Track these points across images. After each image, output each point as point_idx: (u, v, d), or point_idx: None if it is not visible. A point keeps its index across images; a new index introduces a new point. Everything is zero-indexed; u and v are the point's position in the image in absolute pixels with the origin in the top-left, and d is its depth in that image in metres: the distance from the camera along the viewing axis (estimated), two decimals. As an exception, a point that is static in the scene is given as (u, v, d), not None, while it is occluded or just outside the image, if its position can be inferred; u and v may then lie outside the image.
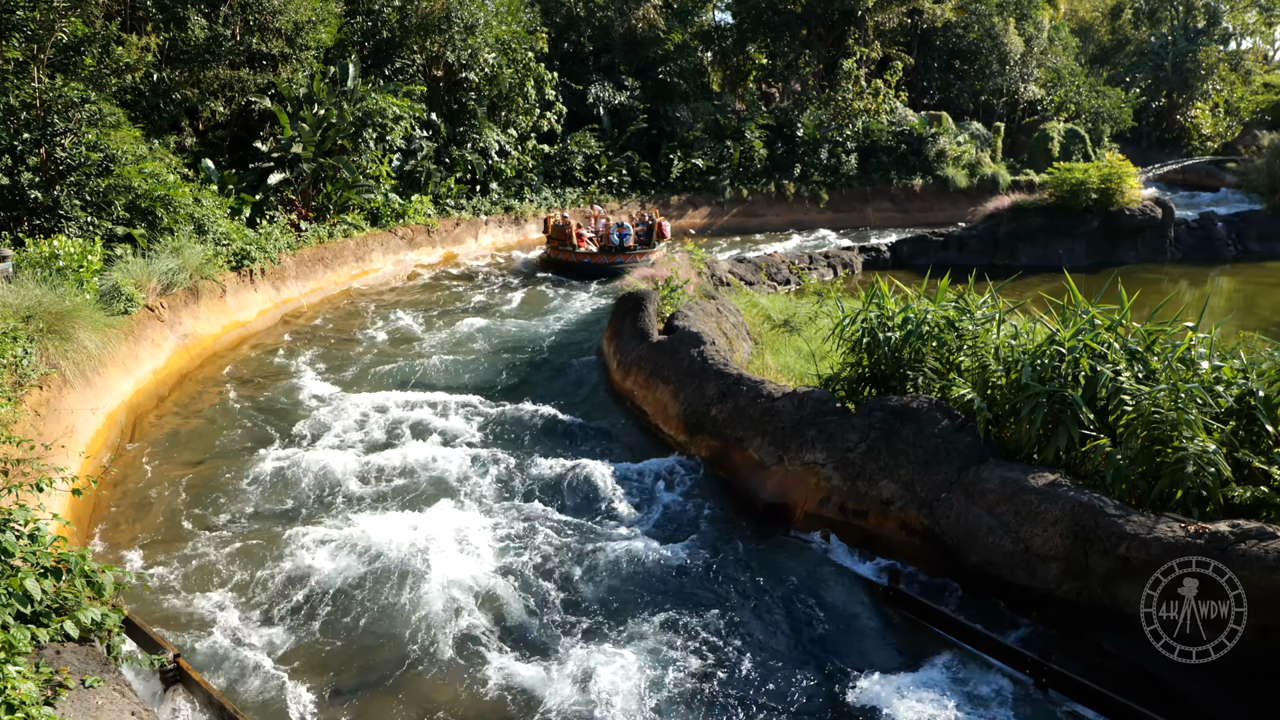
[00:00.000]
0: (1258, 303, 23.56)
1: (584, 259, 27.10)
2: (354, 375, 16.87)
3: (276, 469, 12.27)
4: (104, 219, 17.15)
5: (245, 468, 12.39)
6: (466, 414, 14.49)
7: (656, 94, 41.12)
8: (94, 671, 6.46)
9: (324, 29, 25.19)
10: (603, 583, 9.59)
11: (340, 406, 14.73)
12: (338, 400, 15.08)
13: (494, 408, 14.67)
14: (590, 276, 26.57)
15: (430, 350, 18.73)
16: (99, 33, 18.48)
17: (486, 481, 11.97)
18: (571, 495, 11.65)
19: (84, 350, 12.90)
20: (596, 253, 27.17)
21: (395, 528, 10.47)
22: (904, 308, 11.29)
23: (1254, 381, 8.78)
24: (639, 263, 26.12)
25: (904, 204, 41.84)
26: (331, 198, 25.64)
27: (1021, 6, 48.62)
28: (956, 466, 9.54)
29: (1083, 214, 28.26)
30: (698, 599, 9.28)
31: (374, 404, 14.77)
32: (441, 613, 8.90)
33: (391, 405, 14.73)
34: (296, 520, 11.01)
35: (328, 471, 12.07)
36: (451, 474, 12.07)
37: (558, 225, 27.78)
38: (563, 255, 27.36)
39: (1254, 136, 43.40)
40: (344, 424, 14.11)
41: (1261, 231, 31.26)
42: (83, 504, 11.06)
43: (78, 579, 7.02)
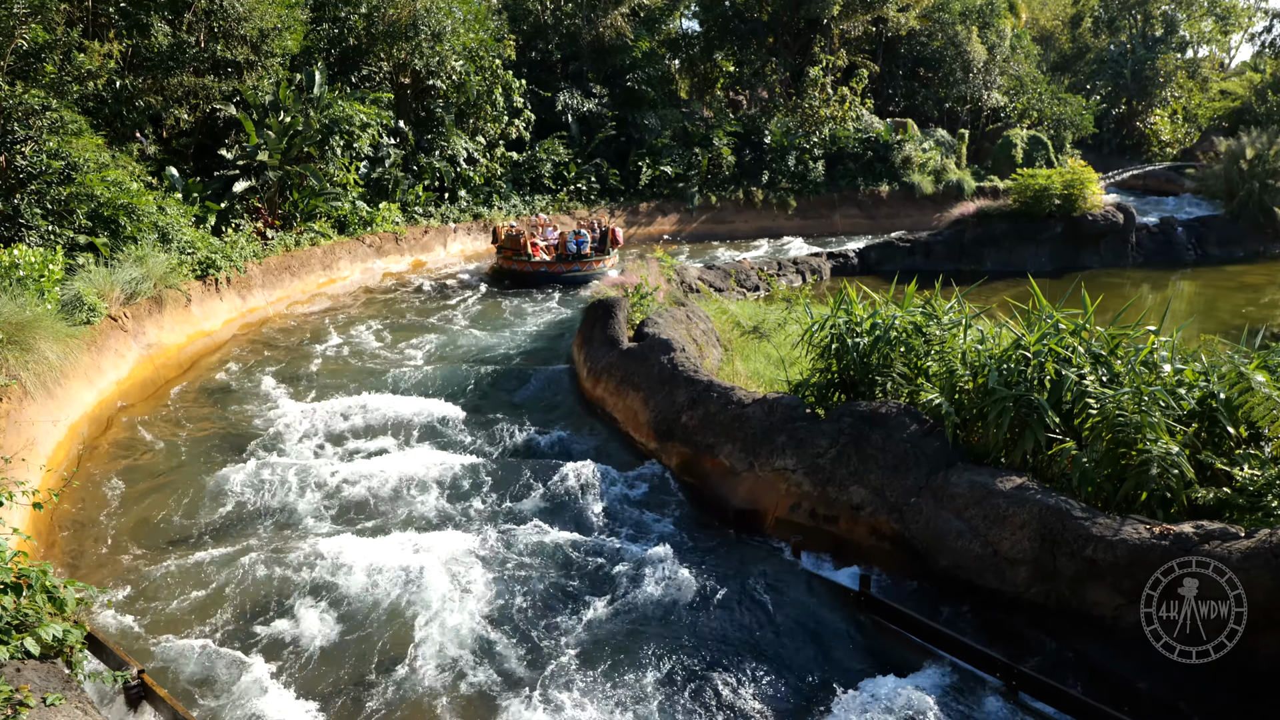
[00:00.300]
0: (1217, 306, 23.98)
1: (540, 268, 26.78)
2: (320, 385, 16.71)
3: (241, 481, 12.12)
4: (66, 228, 16.88)
5: (210, 480, 12.22)
6: (434, 424, 14.40)
7: (625, 101, 41.19)
8: (56, 689, 6.34)
9: (290, 36, 24.98)
10: (569, 593, 9.55)
11: (305, 417, 14.57)
12: (303, 410, 14.91)
13: (462, 417, 14.59)
14: (546, 285, 26.42)
15: (397, 359, 18.61)
16: (60, 39, 18.20)
17: (452, 494, 11.89)
18: (539, 504, 11.60)
19: (45, 361, 12.69)
20: (552, 261, 26.84)
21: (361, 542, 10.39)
22: (872, 314, 11.37)
23: (1215, 384, 8.94)
24: (594, 270, 26.49)
25: (871, 210, 42.17)
26: (298, 205, 25.42)
27: (984, 15, 49.25)
28: (925, 471, 9.62)
29: (1046, 219, 28.63)
30: (665, 606, 9.27)
31: (340, 413, 14.63)
32: (407, 628, 8.83)
33: (357, 415, 14.59)
34: (260, 535, 10.89)
35: (291, 484, 11.93)
36: (417, 486, 11.97)
37: (510, 235, 27.47)
38: (516, 265, 27.04)
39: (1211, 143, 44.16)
40: (308, 435, 13.98)
41: (1220, 236, 31.83)
42: (44, 518, 10.87)
43: (39, 594, 6.90)
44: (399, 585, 9.36)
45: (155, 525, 11.14)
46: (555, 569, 9.93)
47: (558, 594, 9.52)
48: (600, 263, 26.93)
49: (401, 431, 14.07)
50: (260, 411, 15.12)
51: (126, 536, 10.87)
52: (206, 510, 11.47)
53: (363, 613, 9.07)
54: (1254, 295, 25.38)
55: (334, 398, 15.71)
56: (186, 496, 11.80)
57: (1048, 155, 45.18)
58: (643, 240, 37.84)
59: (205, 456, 13.26)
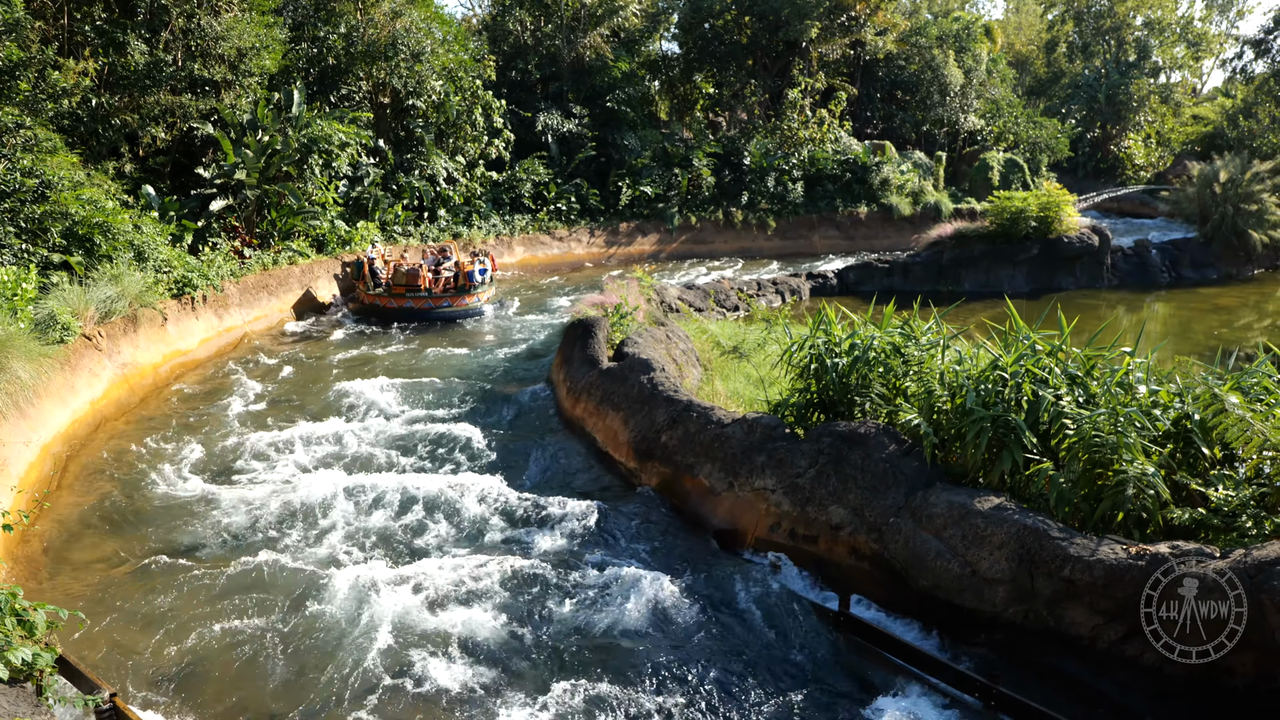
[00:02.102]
0: (1191, 328, 24.25)
1: (405, 304, 24.29)
2: (297, 405, 16.59)
3: (214, 502, 12.00)
4: (39, 246, 16.72)
5: (185, 501, 12.08)
6: (413, 443, 14.31)
7: (605, 122, 41.36)
8: (25, 714, 6.22)
9: (268, 55, 24.95)
10: (547, 614, 9.46)
11: (282, 437, 14.45)
12: (279, 430, 14.79)
13: (442, 435, 14.50)
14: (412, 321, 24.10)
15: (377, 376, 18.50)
16: (35, 57, 18.10)
17: (430, 514, 11.79)
18: (516, 524, 11.52)
19: (17, 380, 12.54)
20: (421, 296, 24.26)
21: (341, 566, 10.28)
22: (851, 334, 11.42)
23: (1190, 405, 9.01)
24: (467, 306, 24.61)
25: (849, 231, 42.48)
26: (276, 224, 25.30)
27: (960, 40, 49.91)
28: (904, 491, 9.63)
29: (1023, 241, 28.90)
30: (642, 626, 9.20)
31: (317, 434, 14.52)
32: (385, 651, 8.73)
33: (335, 435, 14.50)
34: (236, 557, 10.74)
35: (266, 507, 11.82)
36: (396, 506, 11.88)
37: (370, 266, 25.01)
38: (380, 300, 24.52)
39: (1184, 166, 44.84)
40: (285, 455, 13.86)
41: (1194, 258, 32.23)
42: (14, 539, 10.70)
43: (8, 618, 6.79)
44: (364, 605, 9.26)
45: (129, 547, 10.97)
46: (531, 588, 9.84)
47: (531, 613, 9.41)
48: (475, 297, 24.88)
49: (380, 450, 13.96)
50: (236, 431, 14.98)
51: (99, 558, 10.71)
52: (182, 532, 11.31)
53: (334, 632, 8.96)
54: (1227, 317, 25.69)
55: (311, 417, 15.59)
56: (161, 518, 11.65)
57: (1024, 178, 45.74)
58: (622, 260, 37.91)
59: (180, 477, 13.10)
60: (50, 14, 21.33)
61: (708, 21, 45.87)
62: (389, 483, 12.30)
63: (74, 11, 21.95)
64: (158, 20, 22.86)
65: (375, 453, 13.95)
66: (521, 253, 36.45)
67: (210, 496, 12.18)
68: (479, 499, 12.01)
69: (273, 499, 11.94)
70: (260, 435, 14.58)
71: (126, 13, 22.87)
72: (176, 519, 11.61)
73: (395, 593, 9.51)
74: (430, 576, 9.86)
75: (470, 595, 9.65)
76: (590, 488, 12.66)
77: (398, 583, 9.72)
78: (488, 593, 9.71)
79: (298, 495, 12.02)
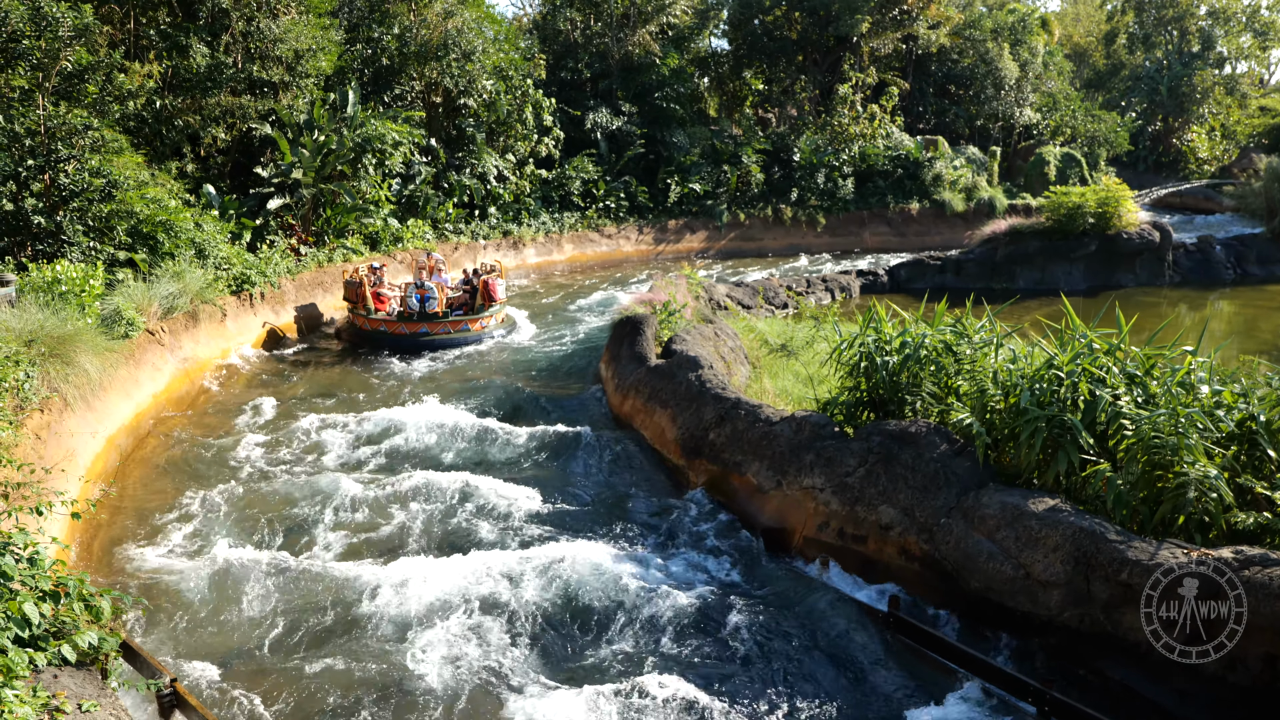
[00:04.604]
0: (1258, 326, 23.60)
1: (379, 327, 20.77)
2: (350, 398, 16.87)
3: (274, 492, 12.26)
4: (106, 244, 17.24)
5: (246, 491, 12.36)
6: (468, 437, 14.44)
7: (653, 119, 41.40)
8: (91, 696, 6.42)
9: (324, 57, 25.40)
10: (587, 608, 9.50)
11: (337, 429, 14.71)
12: (334, 422, 15.04)
13: (496, 430, 14.62)
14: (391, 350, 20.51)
15: (429, 370, 18.73)
16: (102, 61, 18.62)
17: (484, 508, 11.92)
18: (565, 520, 11.59)
19: (85, 374, 12.92)
20: (394, 320, 20.83)
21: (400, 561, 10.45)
22: (901, 332, 11.31)
23: (1255, 406, 8.78)
24: (454, 334, 20.88)
25: (901, 228, 42.02)
26: (331, 222, 25.74)
27: (1016, 32, 49.03)
28: (955, 491, 9.53)
29: (1080, 237, 28.33)
30: (692, 626, 9.21)
31: (372, 426, 14.75)
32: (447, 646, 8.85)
33: (390, 428, 14.71)
34: (294, 547, 10.97)
35: (327, 496, 12.03)
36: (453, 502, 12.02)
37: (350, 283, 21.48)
38: (358, 321, 21.25)
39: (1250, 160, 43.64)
40: (341, 446, 14.11)
41: (1260, 255, 31.32)
42: (82, 527, 11.04)
43: (76, 603, 7.00)
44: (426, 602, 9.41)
45: (191, 536, 11.26)
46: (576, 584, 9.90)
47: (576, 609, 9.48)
48: (462, 324, 21.04)
49: (432, 446, 14.14)
50: (292, 421, 15.26)
51: (161, 546, 11.00)
52: (241, 522, 11.58)
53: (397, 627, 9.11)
54: (1294, 315, 24.99)
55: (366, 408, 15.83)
56: (222, 509, 11.93)
57: (1081, 173, 44.81)
58: (671, 257, 37.93)
59: (241, 467, 13.40)
60: (117, 19, 21.97)
61: (757, 17, 45.67)
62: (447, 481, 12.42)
63: (139, 16, 22.57)
64: (218, 24, 23.39)
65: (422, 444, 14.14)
66: (570, 250, 36.74)
67: (270, 488, 12.44)
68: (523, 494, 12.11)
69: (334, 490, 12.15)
70: (315, 424, 14.85)
71: (189, 17, 23.45)
72: (235, 510, 11.88)
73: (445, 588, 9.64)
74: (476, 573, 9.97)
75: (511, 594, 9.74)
76: (637, 484, 12.70)
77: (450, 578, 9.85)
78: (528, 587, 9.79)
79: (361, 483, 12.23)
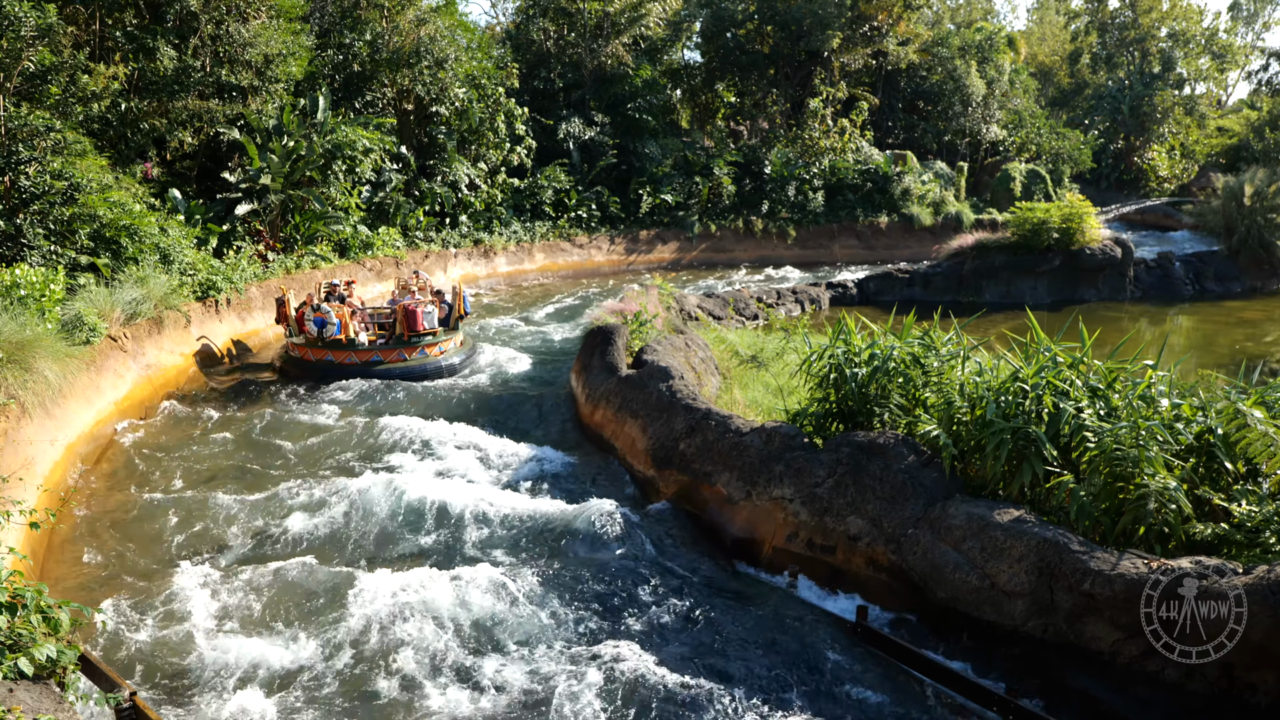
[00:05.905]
0: (1216, 341, 24.03)
1: (325, 357, 18.53)
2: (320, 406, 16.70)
3: (235, 504, 12.10)
4: (67, 248, 16.94)
5: (207, 502, 12.18)
6: (432, 447, 14.35)
7: (626, 130, 41.50)
8: (48, 710, 6.28)
9: (294, 62, 25.20)
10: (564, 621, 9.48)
11: (305, 440, 14.56)
12: (302, 434, 14.90)
13: (462, 440, 14.55)
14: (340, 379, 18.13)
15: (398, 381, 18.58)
16: (66, 62, 18.36)
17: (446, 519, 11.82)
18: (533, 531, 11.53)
19: (44, 380, 12.68)
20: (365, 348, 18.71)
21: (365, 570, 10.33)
22: (870, 344, 11.40)
23: (1213, 419, 8.95)
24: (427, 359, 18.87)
25: (870, 241, 42.40)
26: (299, 229, 25.52)
27: (983, 50, 49.76)
28: (923, 502, 9.61)
29: (1044, 253, 28.75)
30: (658, 636, 9.21)
31: (338, 437, 14.61)
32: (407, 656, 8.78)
33: (356, 439, 14.58)
34: (257, 559, 10.83)
35: (288, 507, 11.90)
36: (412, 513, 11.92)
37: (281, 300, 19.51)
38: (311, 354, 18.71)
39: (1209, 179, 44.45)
40: (306, 458, 13.95)
41: (1218, 272, 31.94)
42: (40, 538, 10.82)
43: (33, 614, 6.84)
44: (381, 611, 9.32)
45: (150, 546, 11.08)
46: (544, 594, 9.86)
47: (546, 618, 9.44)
48: (437, 346, 19.12)
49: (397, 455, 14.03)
50: (259, 433, 15.09)
51: (120, 557, 10.82)
52: (204, 532, 11.41)
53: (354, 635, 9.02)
54: (1252, 331, 25.45)
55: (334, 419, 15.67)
56: (182, 518, 11.75)
57: (1046, 189, 45.50)
58: (643, 268, 38.01)
59: (204, 478, 13.22)
60: (82, 19, 21.66)
61: (730, 31, 45.95)
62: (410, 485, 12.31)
63: (105, 17, 22.26)
64: (187, 26, 23.13)
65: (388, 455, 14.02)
66: (542, 259, 36.71)
67: (232, 499, 12.28)
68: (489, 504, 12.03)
69: (295, 501, 12.02)
70: (283, 436, 14.69)
71: (156, 19, 23.16)
72: (197, 520, 11.71)
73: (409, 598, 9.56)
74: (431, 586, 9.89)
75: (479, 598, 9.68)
76: (606, 494, 12.66)
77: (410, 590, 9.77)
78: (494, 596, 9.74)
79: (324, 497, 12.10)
